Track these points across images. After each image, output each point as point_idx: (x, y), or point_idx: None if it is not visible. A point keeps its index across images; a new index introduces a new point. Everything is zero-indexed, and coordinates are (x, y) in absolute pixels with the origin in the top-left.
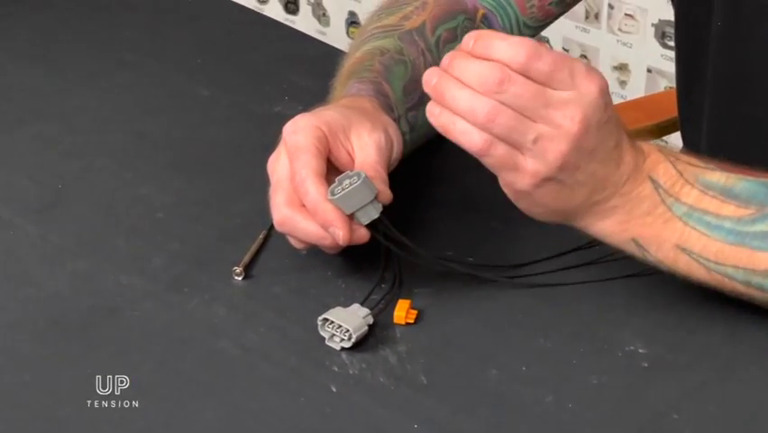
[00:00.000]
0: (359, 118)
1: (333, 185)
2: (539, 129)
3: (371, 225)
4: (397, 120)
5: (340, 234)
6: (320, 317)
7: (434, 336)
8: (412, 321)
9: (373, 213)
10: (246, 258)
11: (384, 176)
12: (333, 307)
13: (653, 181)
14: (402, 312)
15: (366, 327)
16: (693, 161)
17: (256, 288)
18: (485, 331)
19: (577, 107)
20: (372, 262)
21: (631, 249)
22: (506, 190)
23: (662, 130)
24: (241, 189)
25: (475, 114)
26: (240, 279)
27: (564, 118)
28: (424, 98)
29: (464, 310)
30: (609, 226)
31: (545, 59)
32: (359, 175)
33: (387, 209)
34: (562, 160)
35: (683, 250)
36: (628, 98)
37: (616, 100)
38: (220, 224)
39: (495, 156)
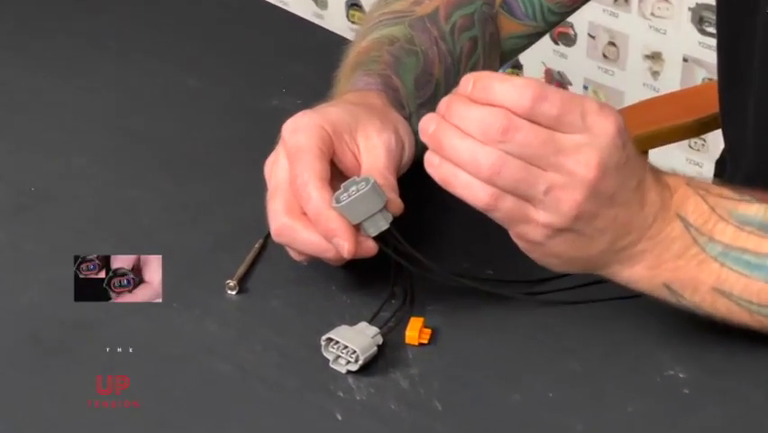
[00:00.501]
0: (367, 116)
1: (338, 192)
2: (550, 178)
3: (380, 237)
4: (408, 118)
5: (345, 245)
6: (323, 337)
7: (449, 357)
8: (426, 341)
9: (382, 223)
10: (241, 269)
11: (393, 183)
12: (338, 325)
13: (683, 220)
14: (414, 331)
15: (375, 348)
16: (726, 192)
17: (252, 302)
18: (506, 352)
19: (591, 151)
20: (381, 275)
21: (664, 295)
22: (516, 241)
23: (701, 127)
24: (235, 193)
25: (478, 166)
26: (233, 292)
27: (578, 164)
28: (438, 93)
29: (483, 329)
30: (638, 273)
31: (552, 100)
32: (367, 181)
33: (396, 218)
34: (577, 209)
35: (722, 293)
36: (662, 91)
37: (647, 93)
38: (212, 231)
39: (503, 210)
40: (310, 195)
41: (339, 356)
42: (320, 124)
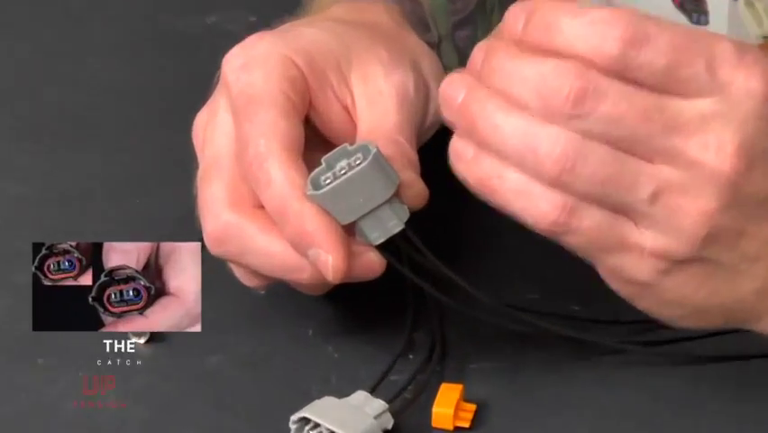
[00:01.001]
0: (366, 44)
1: (318, 170)
2: (659, 174)
3: (388, 247)
4: (436, 46)
5: (329, 260)
6: (294, 417)
7: None
8: (467, 425)
9: (392, 223)
10: None
11: (412, 154)
12: (319, 396)
13: None
14: (447, 408)
15: None
16: None
17: (174, 358)
18: None
19: (727, 128)
20: (391, 312)
21: None
22: (609, 282)
23: None
24: (144, 175)
25: (538, 159)
26: (142, 341)
27: (705, 150)
28: (486, 5)
29: (563, 403)
30: None
31: (658, 42)
32: (365, 151)
33: (415, 215)
34: (708, 225)
35: None
36: None
37: None
38: (117, 238)
39: (582, 232)
40: (270, 175)
41: None
42: (287, 57)
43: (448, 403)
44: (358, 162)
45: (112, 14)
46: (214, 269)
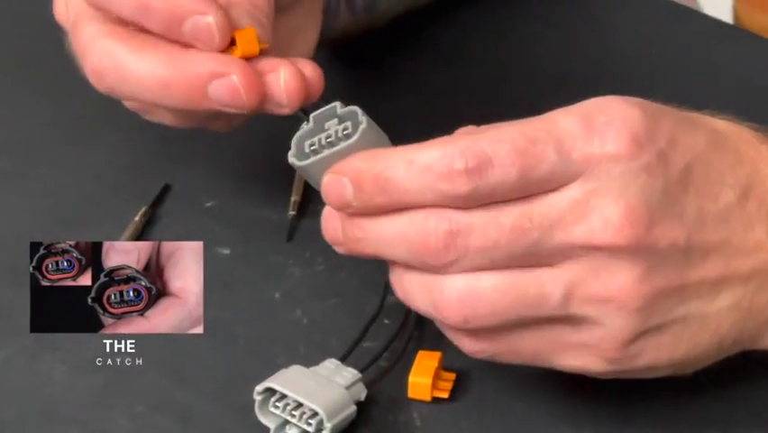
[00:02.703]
0: None
1: (304, 131)
2: (563, 275)
3: None
4: None
5: (210, 20)
6: (259, 387)
7: (489, 422)
8: (445, 395)
9: None
10: None
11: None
12: (286, 365)
13: None
14: (425, 377)
15: (353, 409)
16: None
17: None
18: (580, 404)
19: (605, 200)
20: (364, 272)
21: None
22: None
23: None
24: (95, 117)
25: (441, 316)
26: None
27: (594, 232)
28: None
29: (547, 372)
30: None
31: (501, 156)
32: (355, 120)
33: None
34: (636, 298)
35: None
36: None
37: None
38: (55, 192)
39: (521, 354)
40: None
41: (287, 422)
42: None
43: (426, 372)
44: (346, 133)
45: None
46: (170, 225)
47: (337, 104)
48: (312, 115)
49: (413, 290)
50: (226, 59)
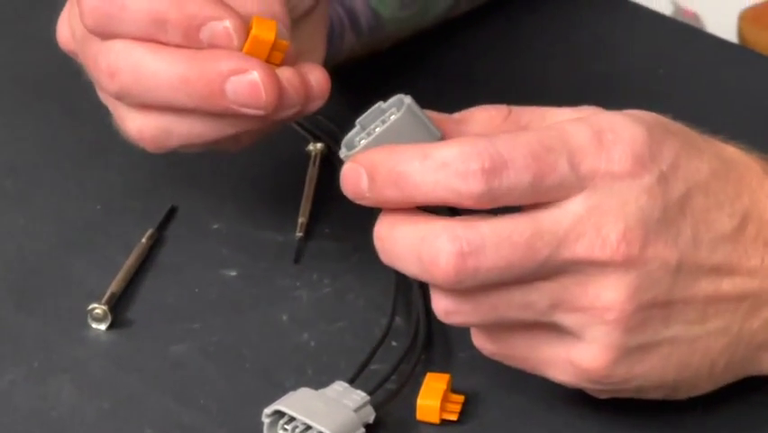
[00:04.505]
0: None
1: (352, 132)
2: (548, 287)
3: None
4: None
5: (228, 25)
6: (267, 410)
7: None
8: (454, 418)
9: None
10: (115, 286)
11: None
12: (294, 387)
13: None
14: (433, 400)
15: (362, 431)
16: None
17: (136, 346)
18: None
19: (604, 218)
20: (373, 294)
21: None
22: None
23: None
24: (104, 140)
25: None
26: (103, 327)
27: (592, 248)
28: None
29: (556, 395)
30: None
31: (517, 160)
32: (399, 103)
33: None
34: (623, 316)
35: None
36: None
37: None
38: (62, 215)
39: (512, 359)
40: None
41: None
42: None
43: (434, 395)
44: (391, 116)
45: None
46: (176, 248)
47: (380, 103)
48: (357, 121)
49: (403, 250)
50: (247, 58)
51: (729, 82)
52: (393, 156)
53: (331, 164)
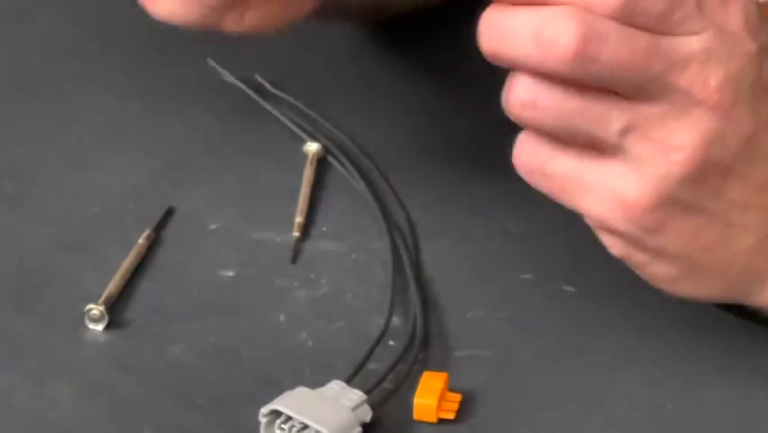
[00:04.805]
0: None
1: None
2: (630, 109)
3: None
4: None
5: None
6: (264, 409)
7: None
8: (452, 417)
9: None
10: (112, 286)
11: None
12: (291, 387)
13: None
14: (430, 398)
15: (359, 430)
16: None
17: (133, 347)
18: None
19: (711, 63)
20: (369, 293)
21: None
22: (601, 238)
23: None
24: (99, 139)
25: (508, 97)
26: (100, 328)
27: (691, 85)
28: None
29: (554, 394)
30: None
31: None
32: None
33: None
34: (689, 161)
35: None
36: None
37: None
38: (58, 215)
39: (554, 177)
40: None
41: None
42: None
43: (431, 394)
44: None
45: None
46: (174, 248)
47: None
48: None
49: (519, 26)
50: None
51: None
52: None
53: (327, 164)
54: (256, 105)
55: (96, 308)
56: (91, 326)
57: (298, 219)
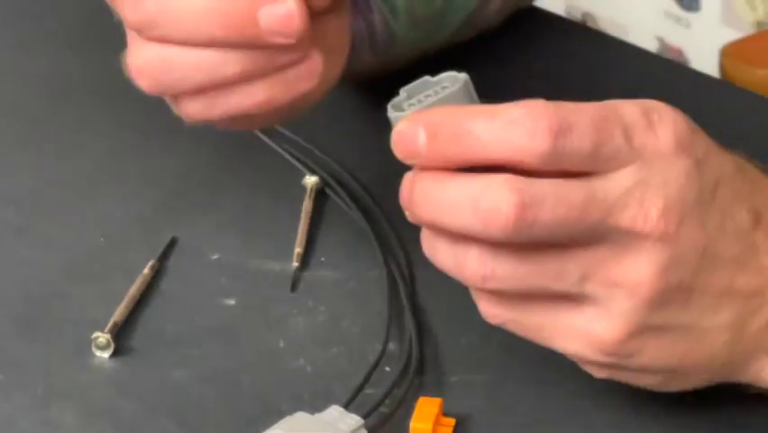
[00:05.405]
0: None
1: (398, 98)
2: (582, 255)
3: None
4: None
5: (290, 5)
6: None
7: None
8: None
9: None
10: (118, 315)
11: None
12: (291, 412)
13: None
14: (426, 422)
15: None
16: None
17: (138, 373)
18: None
19: (648, 192)
20: (366, 321)
21: None
22: (584, 368)
23: None
24: (105, 174)
25: (453, 271)
26: (106, 355)
27: (634, 220)
28: None
29: (547, 419)
30: None
31: (580, 126)
32: (453, 79)
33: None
34: (649, 291)
35: None
36: None
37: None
38: (65, 246)
39: (523, 327)
40: None
41: None
42: None
43: (426, 418)
44: (445, 88)
45: (62, 5)
46: (177, 277)
47: (426, 76)
48: (402, 89)
49: (440, 249)
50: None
51: (712, 114)
52: (457, 115)
53: (325, 196)
54: (256, 138)
55: (102, 336)
56: (98, 353)
57: (297, 249)
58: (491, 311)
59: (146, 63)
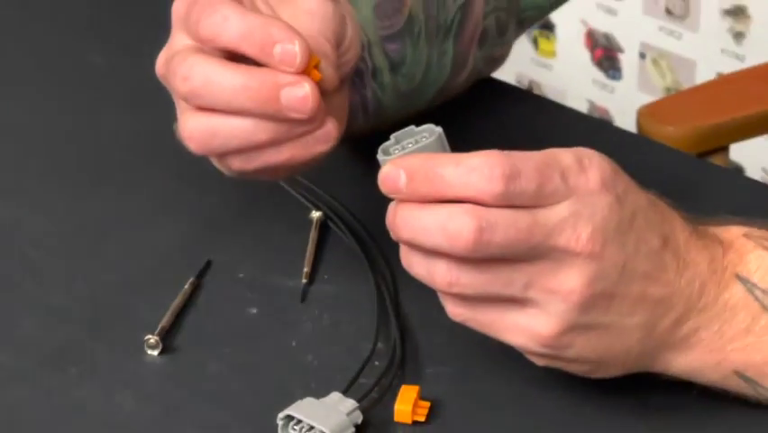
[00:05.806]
0: None
1: (387, 143)
2: (528, 268)
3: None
4: (365, 48)
5: (295, 47)
6: (281, 415)
7: None
8: (422, 418)
9: None
10: (165, 321)
11: (330, 53)
12: (301, 397)
13: (744, 282)
14: (407, 405)
15: (352, 430)
16: None
17: (181, 366)
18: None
19: (580, 221)
20: (360, 326)
21: (736, 385)
22: (526, 356)
23: None
24: (152, 210)
25: (426, 278)
26: (156, 353)
27: (568, 242)
28: (413, 27)
29: (507, 401)
30: (696, 360)
31: (527, 171)
32: (431, 131)
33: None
34: (579, 297)
35: None
36: (747, 61)
37: (730, 63)
38: (123, 265)
39: (479, 324)
40: (226, 16)
41: None
42: None
43: (407, 402)
44: (424, 138)
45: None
46: (211, 291)
47: (412, 126)
48: (393, 135)
49: (415, 262)
50: (299, 75)
51: (632, 163)
52: (430, 161)
53: (328, 227)
54: (274, 182)
55: (152, 338)
56: (149, 351)
57: (306, 269)
58: (455, 311)
59: (194, 130)
